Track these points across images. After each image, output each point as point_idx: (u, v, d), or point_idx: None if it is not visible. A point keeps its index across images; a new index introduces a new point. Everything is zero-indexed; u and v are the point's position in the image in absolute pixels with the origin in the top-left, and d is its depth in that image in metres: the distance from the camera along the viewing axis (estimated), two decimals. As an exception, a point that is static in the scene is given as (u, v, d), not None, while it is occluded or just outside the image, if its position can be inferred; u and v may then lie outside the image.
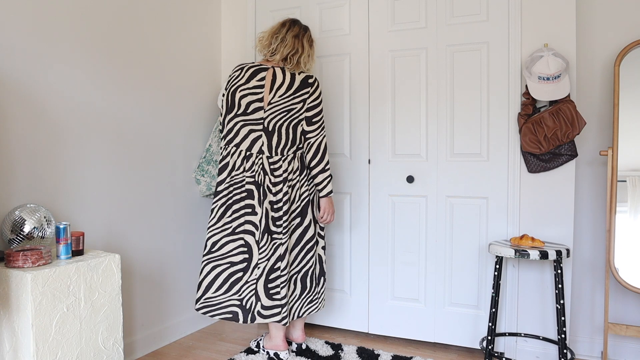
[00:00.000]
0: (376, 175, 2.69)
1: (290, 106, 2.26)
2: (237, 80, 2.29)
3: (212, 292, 2.26)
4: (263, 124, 2.25)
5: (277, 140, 2.26)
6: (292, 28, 2.33)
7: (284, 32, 2.31)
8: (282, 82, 2.26)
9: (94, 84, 2.21)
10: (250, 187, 2.24)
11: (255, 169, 2.24)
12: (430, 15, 2.53)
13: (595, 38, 2.38)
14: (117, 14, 2.32)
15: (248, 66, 2.31)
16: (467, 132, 2.48)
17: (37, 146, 1.97)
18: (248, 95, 2.26)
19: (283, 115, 2.26)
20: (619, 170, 2.22)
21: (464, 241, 2.50)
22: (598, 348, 2.41)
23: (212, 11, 2.99)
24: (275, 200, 2.24)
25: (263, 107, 2.25)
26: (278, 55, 2.29)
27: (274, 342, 2.39)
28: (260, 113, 2.25)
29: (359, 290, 2.76)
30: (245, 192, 2.25)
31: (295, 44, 2.30)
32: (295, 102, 2.26)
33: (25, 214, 1.78)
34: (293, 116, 2.27)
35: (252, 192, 2.24)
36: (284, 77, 2.27)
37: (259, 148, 2.25)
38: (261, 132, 2.25)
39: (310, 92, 2.29)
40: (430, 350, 2.57)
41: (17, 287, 1.58)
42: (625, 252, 2.19)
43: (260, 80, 2.27)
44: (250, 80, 2.27)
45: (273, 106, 2.24)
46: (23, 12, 1.90)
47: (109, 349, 1.82)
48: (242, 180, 2.25)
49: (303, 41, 2.32)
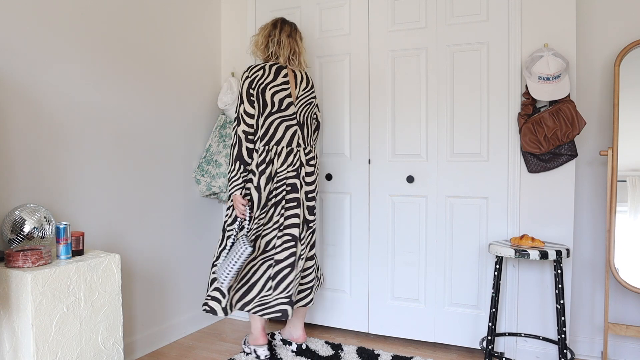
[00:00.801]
0: (376, 175, 2.69)
1: (310, 100, 2.42)
2: (263, 78, 2.28)
3: (265, 291, 2.29)
4: (296, 118, 2.35)
5: (307, 132, 2.40)
6: (283, 28, 2.37)
7: (278, 34, 2.35)
8: (302, 78, 2.41)
9: (94, 84, 2.21)
10: (294, 180, 2.31)
11: (296, 162, 2.32)
12: (430, 15, 2.53)
13: (595, 38, 2.38)
14: (117, 15, 2.32)
15: (269, 64, 2.33)
16: (467, 132, 2.48)
17: (37, 146, 1.97)
18: (279, 91, 2.30)
19: (307, 108, 2.41)
20: (619, 170, 2.22)
21: (464, 241, 2.50)
22: (598, 348, 2.41)
23: (212, 11, 2.99)
24: (310, 190, 2.38)
25: (293, 102, 2.33)
26: (281, 58, 2.34)
27: (254, 334, 2.40)
28: (292, 108, 2.33)
29: (359, 290, 2.76)
30: (290, 186, 2.31)
31: (291, 44, 2.37)
32: (312, 97, 2.44)
33: (25, 214, 1.78)
34: (312, 109, 2.46)
35: (295, 186, 2.31)
36: (302, 74, 2.42)
37: (297, 142, 2.34)
38: (296, 126, 2.34)
39: (315, 92, 2.48)
40: (430, 350, 2.57)
41: (17, 287, 1.58)
42: (625, 252, 2.19)
43: (285, 77, 2.33)
44: (277, 77, 2.31)
45: (300, 100, 2.36)
46: (23, 12, 1.90)
47: (109, 349, 1.82)
48: (286, 175, 2.31)
49: (297, 40, 2.40)
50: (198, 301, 2.89)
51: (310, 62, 2.85)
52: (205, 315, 2.92)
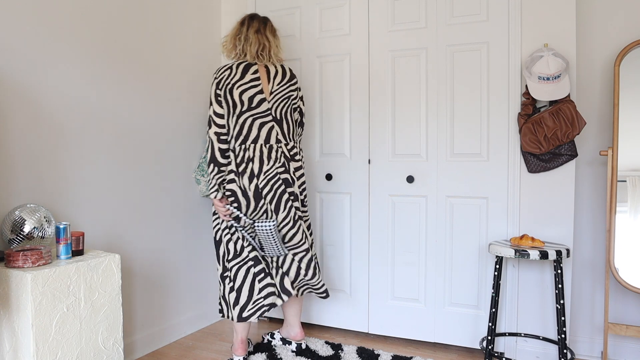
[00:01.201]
0: (376, 175, 2.69)
1: (288, 93, 2.34)
2: (230, 78, 2.24)
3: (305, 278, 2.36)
4: (271, 114, 2.28)
5: (286, 126, 2.33)
6: (251, 24, 2.32)
7: (245, 31, 2.31)
8: (277, 72, 2.32)
9: (93, 84, 2.21)
10: (285, 175, 2.29)
11: (281, 158, 2.29)
12: (430, 15, 2.53)
13: (595, 38, 2.38)
14: (117, 15, 2.32)
15: (237, 63, 2.28)
16: (467, 132, 2.48)
17: (37, 146, 1.97)
18: (248, 89, 2.24)
19: (285, 103, 2.33)
20: (619, 170, 2.22)
21: (464, 241, 2.50)
22: (598, 348, 2.41)
23: (212, 11, 2.99)
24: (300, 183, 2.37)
25: (266, 99, 2.27)
26: (248, 55, 2.28)
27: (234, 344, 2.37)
28: (265, 104, 2.26)
29: (359, 290, 2.76)
30: (284, 180, 2.28)
31: (259, 39, 2.30)
32: (292, 90, 2.37)
33: (25, 214, 1.78)
34: (291, 103, 2.38)
35: (288, 180, 2.30)
36: (276, 69, 2.33)
37: (276, 138, 2.29)
38: (272, 122, 2.28)
39: (298, 84, 2.42)
40: (430, 350, 2.57)
41: (17, 287, 1.58)
42: (625, 252, 2.19)
43: (254, 74, 2.26)
44: (245, 75, 2.25)
45: (275, 95, 2.29)
46: (23, 12, 1.90)
47: (109, 349, 1.82)
48: (277, 171, 2.27)
49: (266, 34, 2.32)
50: (198, 301, 2.89)
51: (310, 62, 2.85)
52: (205, 315, 2.92)
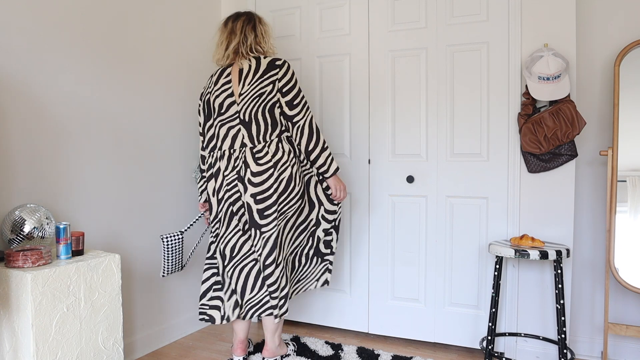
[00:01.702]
0: (376, 175, 2.69)
1: (261, 90, 2.16)
2: (209, 87, 2.27)
3: (248, 294, 2.20)
4: (239, 117, 2.16)
5: (256, 128, 2.15)
6: (226, 26, 2.26)
7: (223, 37, 2.25)
8: (249, 70, 2.18)
9: (93, 84, 2.21)
10: (236, 182, 2.17)
11: (238, 164, 2.16)
12: (430, 15, 2.53)
13: (595, 38, 2.38)
14: (117, 14, 2.32)
15: (218, 70, 2.27)
16: (467, 132, 2.48)
17: (37, 146, 1.97)
18: (219, 95, 2.20)
19: (256, 102, 2.16)
20: (619, 170, 2.22)
21: (464, 241, 2.50)
22: (598, 348, 2.41)
23: (212, 11, 2.99)
24: (257, 191, 2.12)
25: (236, 101, 2.17)
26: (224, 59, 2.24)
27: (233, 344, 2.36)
28: (234, 107, 2.17)
29: (359, 290, 2.76)
30: (235, 187, 2.17)
31: (231, 38, 2.22)
32: (265, 85, 2.16)
33: (25, 214, 1.78)
34: (266, 99, 2.17)
35: (239, 189, 2.17)
36: (250, 65, 2.19)
37: (241, 142, 2.16)
38: (239, 125, 2.16)
39: (281, 75, 2.18)
40: (430, 350, 2.57)
41: (17, 287, 1.58)
42: (625, 252, 2.19)
43: (227, 77, 2.21)
44: (218, 80, 2.22)
45: (244, 96, 2.16)
46: (23, 12, 1.90)
47: (109, 349, 1.82)
48: (232, 179, 2.17)
49: (244, 31, 2.23)
50: (198, 301, 2.89)
51: (310, 62, 2.85)
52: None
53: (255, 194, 2.12)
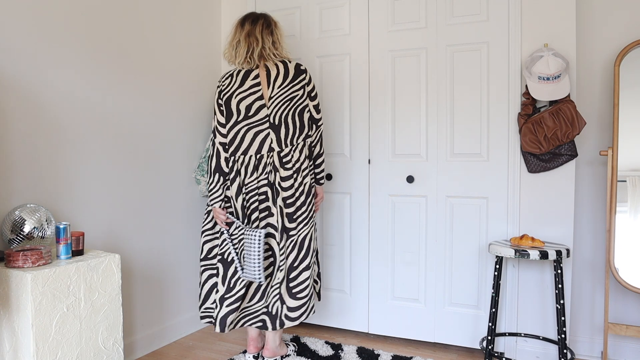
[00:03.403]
0: (376, 175, 2.69)
1: (292, 94, 2.20)
2: (229, 87, 2.23)
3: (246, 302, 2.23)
4: (269, 120, 2.17)
5: (285, 131, 2.19)
6: (243, 27, 2.25)
7: (241, 37, 2.23)
8: (278, 74, 2.20)
9: (93, 84, 2.21)
10: (265, 189, 2.18)
11: (269, 169, 2.18)
12: (430, 15, 2.53)
13: (595, 38, 2.38)
14: (117, 14, 2.32)
15: (237, 70, 2.25)
16: (467, 132, 2.48)
17: (37, 146, 1.97)
18: (247, 97, 2.19)
19: (287, 105, 2.19)
20: (619, 170, 2.22)
21: (464, 241, 2.50)
22: (598, 348, 2.41)
23: (212, 11, 2.99)
24: (287, 195, 2.17)
25: (265, 104, 2.18)
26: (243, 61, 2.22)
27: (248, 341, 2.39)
28: (264, 111, 2.18)
29: (359, 290, 2.76)
30: (262, 195, 2.18)
31: (251, 42, 2.21)
32: (296, 90, 2.22)
33: (25, 214, 1.78)
34: (296, 104, 2.22)
35: (267, 194, 2.18)
36: (278, 69, 2.21)
37: (269, 146, 2.17)
38: (268, 129, 2.17)
39: (307, 80, 2.27)
40: (430, 350, 2.57)
41: (17, 287, 1.58)
42: (625, 252, 2.19)
43: (255, 79, 2.20)
44: (245, 82, 2.21)
45: (274, 99, 2.18)
46: (23, 12, 1.90)
47: (109, 349, 1.82)
48: (257, 185, 2.19)
49: (256, 34, 2.22)
50: (198, 301, 2.89)
51: (310, 62, 2.85)
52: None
53: (285, 198, 2.17)
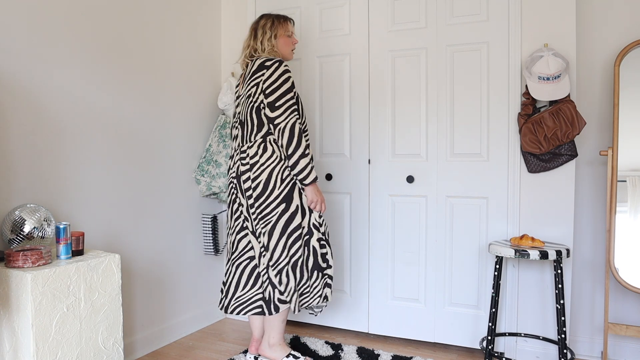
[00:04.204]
0: (376, 175, 2.69)
1: (248, 91, 2.21)
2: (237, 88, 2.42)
3: (240, 290, 2.25)
4: (239, 118, 2.28)
5: (247, 129, 2.22)
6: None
7: None
8: (246, 72, 2.31)
9: (94, 84, 2.21)
10: (235, 181, 2.26)
11: (237, 164, 2.24)
12: (430, 15, 2.53)
13: (595, 38, 2.38)
14: (118, 14, 2.32)
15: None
16: (467, 132, 2.48)
17: (37, 146, 1.97)
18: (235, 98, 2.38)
19: (246, 103, 2.22)
20: (619, 170, 2.22)
21: (464, 241, 2.50)
22: (598, 348, 2.41)
23: (212, 11, 2.99)
24: (246, 187, 2.18)
25: (239, 102, 2.30)
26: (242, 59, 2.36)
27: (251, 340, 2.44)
28: (237, 109, 2.32)
29: (359, 290, 2.76)
30: (234, 187, 2.27)
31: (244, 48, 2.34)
32: (251, 86, 2.19)
33: (25, 214, 1.78)
34: (251, 100, 2.18)
35: (236, 187, 2.25)
36: (248, 66, 2.29)
37: (238, 142, 2.26)
38: (238, 126, 2.27)
39: (266, 76, 2.13)
40: (430, 350, 2.57)
41: (17, 287, 1.58)
42: (625, 252, 2.19)
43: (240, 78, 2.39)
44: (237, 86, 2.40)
45: (241, 97, 2.28)
46: (23, 12, 1.90)
47: (109, 349, 1.82)
48: (230, 178, 2.30)
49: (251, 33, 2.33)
50: (198, 301, 2.89)
51: (310, 62, 2.85)
52: (205, 315, 2.92)
53: (245, 190, 2.20)
